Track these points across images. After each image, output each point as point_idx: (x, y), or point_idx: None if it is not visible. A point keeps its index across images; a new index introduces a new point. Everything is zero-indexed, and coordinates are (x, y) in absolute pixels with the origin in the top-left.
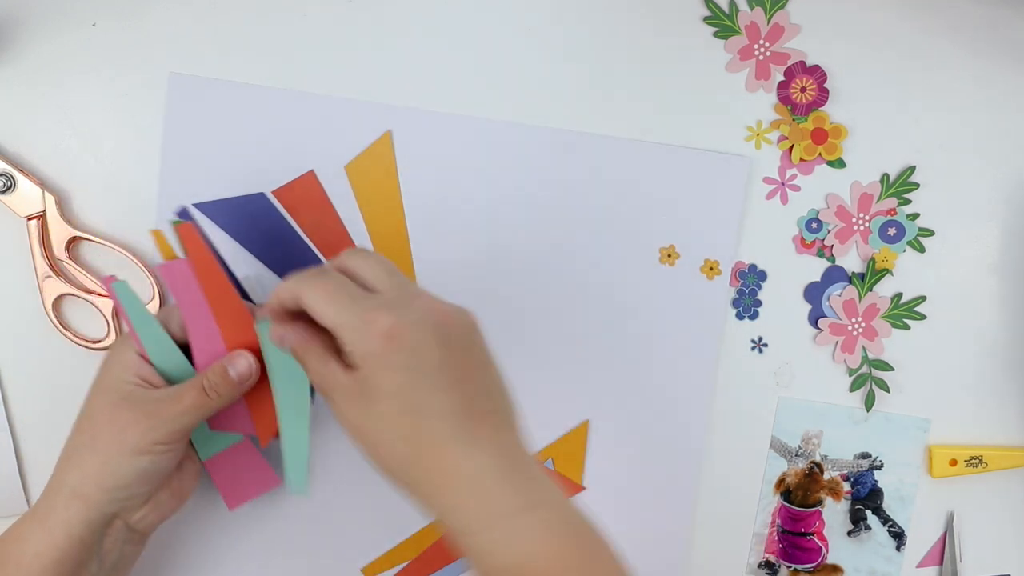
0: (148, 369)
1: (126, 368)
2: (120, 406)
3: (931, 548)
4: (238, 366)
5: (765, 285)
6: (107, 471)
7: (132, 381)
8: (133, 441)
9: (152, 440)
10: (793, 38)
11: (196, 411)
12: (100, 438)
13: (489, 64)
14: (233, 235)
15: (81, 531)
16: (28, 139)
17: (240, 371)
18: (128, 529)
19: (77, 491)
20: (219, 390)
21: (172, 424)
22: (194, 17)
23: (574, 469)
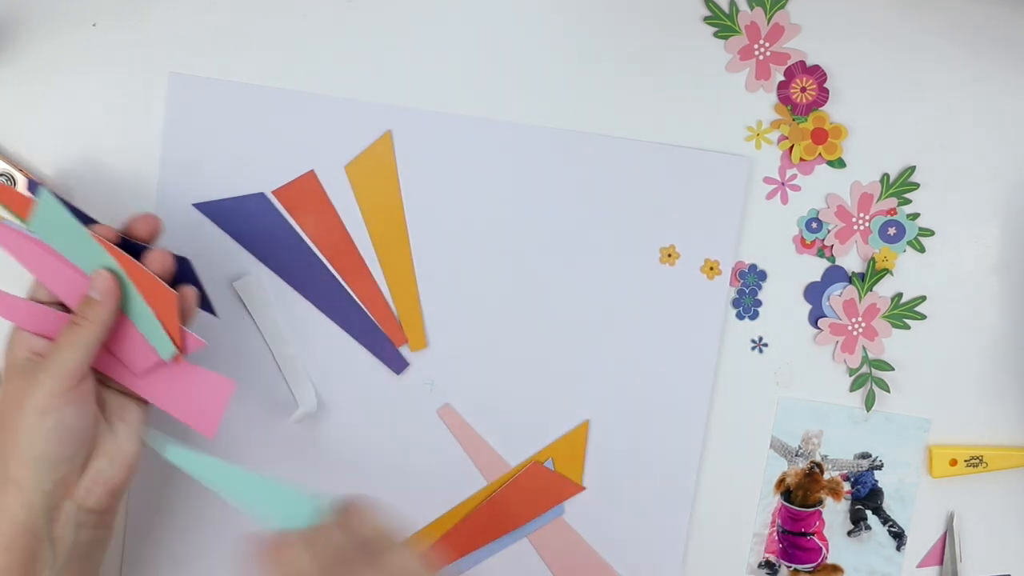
0: (37, 340)
1: (19, 347)
2: (14, 380)
3: (931, 548)
4: (96, 283)
5: (765, 285)
6: (19, 443)
7: (25, 356)
8: (29, 403)
9: (44, 394)
10: (793, 38)
11: (75, 344)
12: (6, 415)
13: (489, 64)
14: (233, 235)
15: (24, 515)
16: (28, 139)
17: (100, 287)
18: (78, 509)
19: (7, 474)
20: (86, 314)
21: (57, 368)
22: (194, 17)
23: (574, 469)
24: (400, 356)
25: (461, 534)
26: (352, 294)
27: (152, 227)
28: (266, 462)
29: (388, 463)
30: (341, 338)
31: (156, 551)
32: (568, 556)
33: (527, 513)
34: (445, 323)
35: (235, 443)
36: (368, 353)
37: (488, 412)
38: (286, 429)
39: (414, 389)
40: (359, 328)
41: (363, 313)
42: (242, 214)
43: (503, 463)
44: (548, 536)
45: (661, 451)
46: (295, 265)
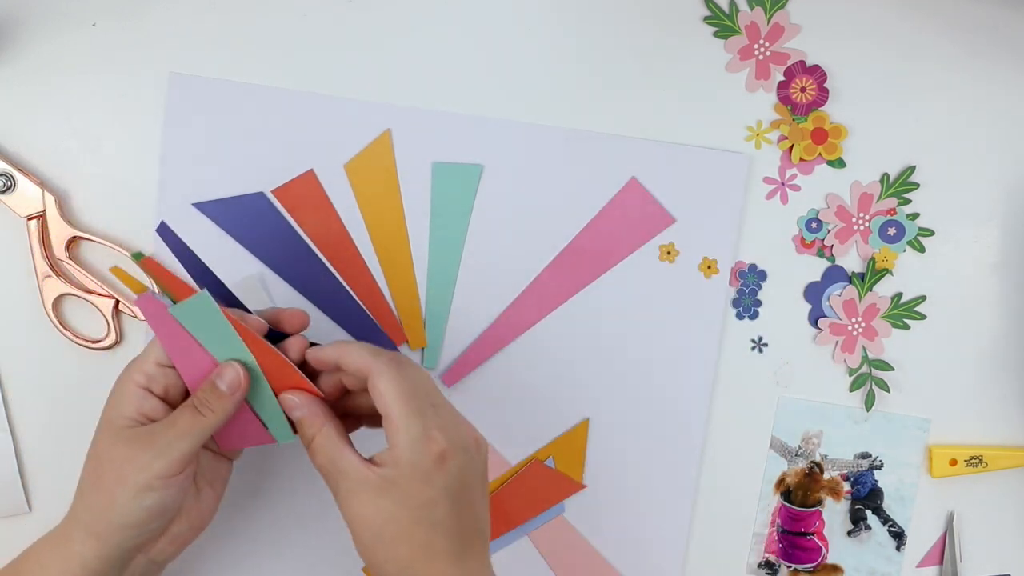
0: (151, 403)
1: (127, 403)
2: (119, 442)
3: (931, 548)
4: (225, 376)
5: (765, 285)
6: (114, 510)
7: (131, 416)
8: (134, 478)
9: (152, 475)
10: (793, 38)
11: (192, 434)
12: (104, 477)
13: (489, 63)
14: (233, 235)
15: (97, 565)
16: (28, 139)
17: (229, 380)
18: (148, 562)
19: (90, 528)
20: (211, 405)
21: (170, 453)
22: (194, 17)
23: (574, 467)
24: None
25: None
26: (352, 293)
27: (300, 323)
28: (267, 461)
29: None
30: (341, 337)
31: None
32: (569, 554)
33: (528, 511)
34: (445, 322)
35: None
36: None
37: (488, 410)
38: None
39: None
40: (359, 327)
41: (363, 312)
42: (242, 214)
43: (503, 461)
44: (549, 534)
45: (661, 450)
46: (295, 264)
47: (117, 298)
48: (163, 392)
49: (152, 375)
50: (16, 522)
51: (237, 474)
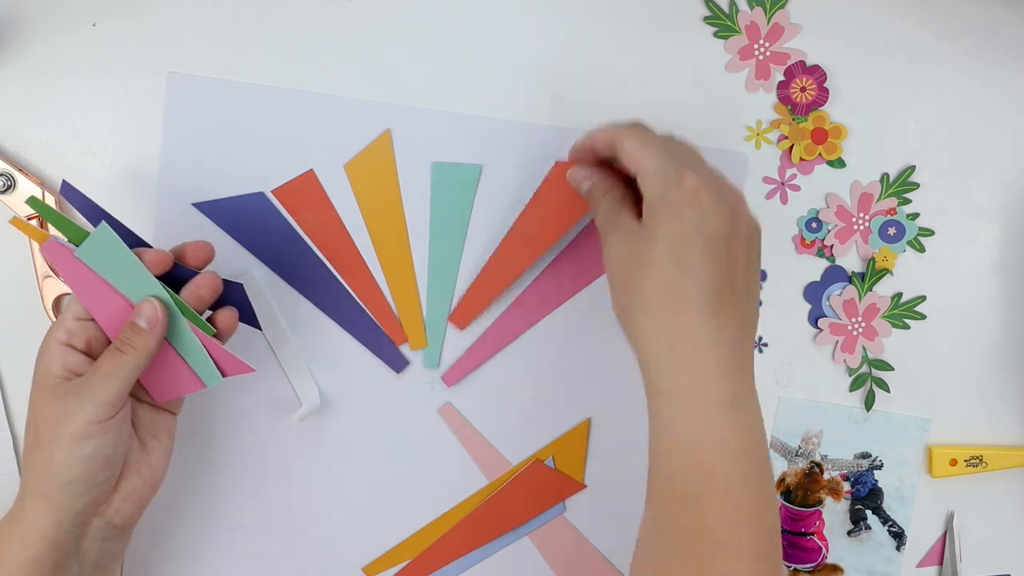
0: (74, 357)
1: (51, 360)
2: (47, 399)
3: (931, 548)
4: (143, 311)
5: (765, 285)
6: (55, 466)
7: (58, 373)
8: (67, 429)
9: (84, 421)
10: (793, 38)
11: (116, 374)
12: (40, 435)
13: (489, 63)
14: (233, 235)
15: (54, 532)
16: (28, 139)
17: (147, 315)
18: (106, 525)
19: (37, 490)
20: (131, 342)
21: (97, 396)
22: (194, 17)
23: (575, 467)
24: (400, 355)
25: (462, 532)
26: (352, 293)
27: (205, 254)
28: (268, 460)
29: (389, 462)
30: (341, 337)
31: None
32: (569, 554)
33: (528, 511)
34: (445, 322)
35: (238, 441)
36: (368, 352)
37: (489, 410)
38: (289, 427)
39: (414, 388)
40: (359, 327)
41: (363, 312)
42: (242, 214)
43: (504, 461)
44: (549, 534)
45: None
46: (295, 264)
47: None
48: (85, 346)
49: (72, 330)
50: None
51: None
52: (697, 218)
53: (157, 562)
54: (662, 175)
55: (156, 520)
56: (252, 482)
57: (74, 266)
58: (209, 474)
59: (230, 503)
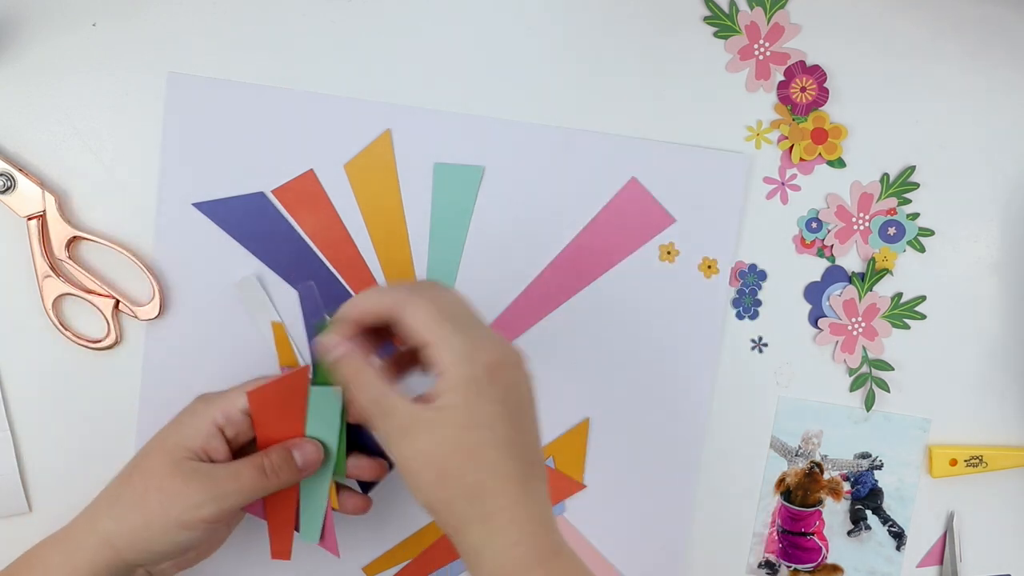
0: (218, 444)
1: (196, 435)
2: (175, 472)
3: (931, 548)
4: (306, 451)
5: (765, 285)
6: (146, 535)
7: (195, 451)
8: (179, 514)
9: (199, 517)
10: (793, 38)
11: (251, 492)
12: (148, 499)
13: (489, 62)
14: (233, 235)
15: (104, 572)
16: (28, 139)
17: (307, 457)
18: (146, 574)
19: (111, 541)
20: (279, 472)
21: (223, 503)
22: (194, 17)
23: (575, 467)
24: None
25: None
26: (352, 293)
27: None
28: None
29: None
30: None
31: None
32: None
33: None
34: None
35: None
36: None
37: None
38: None
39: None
40: None
41: None
42: (242, 214)
43: None
44: None
45: (661, 450)
46: (295, 264)
47: (117, 298)
48: (232, 437)
49: (232, 419)
50: (16, 522)
51: None
52: (500, 393)
53: None
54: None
55: None
56: None
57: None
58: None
59: None
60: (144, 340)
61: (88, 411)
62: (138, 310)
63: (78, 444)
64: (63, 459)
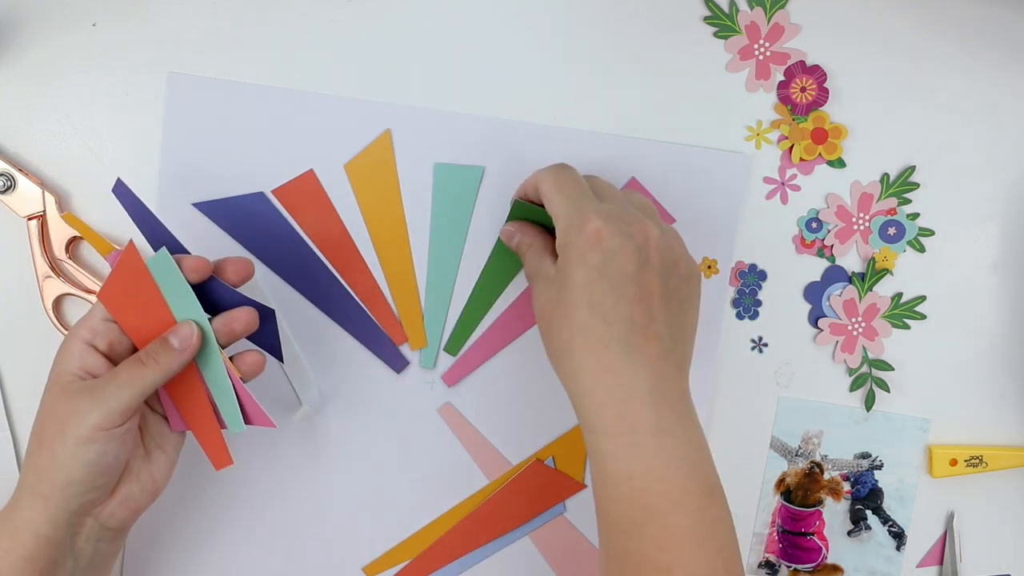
0: (94, 358)
1: (70, 358)
2: (60, 398)
3: (931, 548)
4: (179, 331)
5: (765, 285)
6: (56, 466)
7: (74, 372)
8: (73, 430)
9: (91, 425)
10: (793, 38)
11: (133, 384)
12: (45, 433)
13: (489, 63)
14: (233, 235)
15: (48, 530)
16: (28, 139)
17: (182, 336)
18: (100, 527)
19: (35, 489)
20: (157, 357)
21: (108, 403)
22: (194, 17)
23: (575, 467)
24: (400, 355)
25: (462, 532)
26: (352, 293)
27: (245, 272)
28: (268, 461)
29: (389, 462)
30: (341, 337)
31: (156, 550)
32: (569, 554)
33: (528, 511)
34: (445, 321)
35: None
36: (368, 352)
37: (489, 410)
38: (289, 427)
39: (414, 388)
40: (359, 327)
41: (363, 312)
42: (242, 214)
43: (504, 461)
44: (549, 534)
45: None
46: (295, 265)
47: None
48: (107, 348)
49: (97, 330)
50: None
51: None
52: (600, 260)
53: (157, 562)
54: (567, 218)
55: (157, 520)
56: (252, 482)
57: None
58: (209, 474)
59: (230, 503)
60: None
61: None
62: None
63: None
64: None
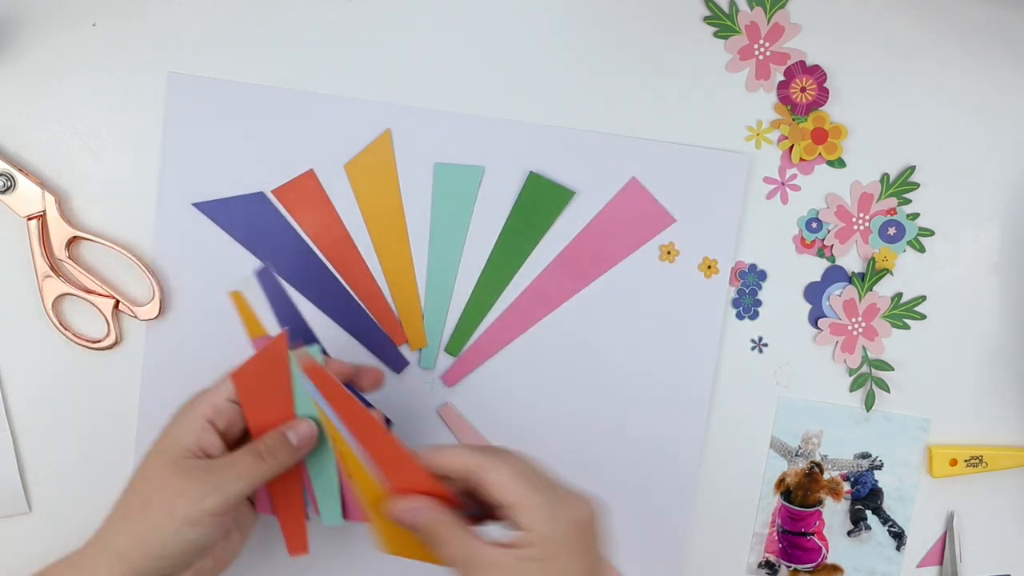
0: (211, 438)
1: (189, 433)
2: (173, 472)
3: (931, 548)
4: (299, 429)
5: (765, 285)
6: (155, 540)
7: (191, 448)
8: (184, 510)
9: (204, 510)
10: (793, 38)
11: (250, 477)
12: (152, 504)
13: (488, 62)
14: (233, 235)
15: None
16: (28, 139)
17: (301, 434)
18: None
19: (123, 555)
20: (276, 453)
21: (225, 492)
22: (194, 17)
23: None
24: (400, 355)
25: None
26: (352, 293)
27: (377, 382)
28: None
29: None
30: (341, 337)
31: None
32: None
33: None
34: (444, 322)
35: None
36: (368, 352)
37: (489, 410)
38: None
39: (414, 388)
40: (359, 327)
41: (363, 312)
42: (242, 214)
43: None
44: None
45: (661, 450)
46: (295, 265)
47: (117, 298)
48: (224, 428)
49: (220, 409)
50: (16, 522)
51: None
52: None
53: None
54: (544, 510)
55: None
56: None
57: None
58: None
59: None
60: (144, 340)
61: (88, 411)
62: (138, 310)
63: (78, 444)
64: (63, 459)
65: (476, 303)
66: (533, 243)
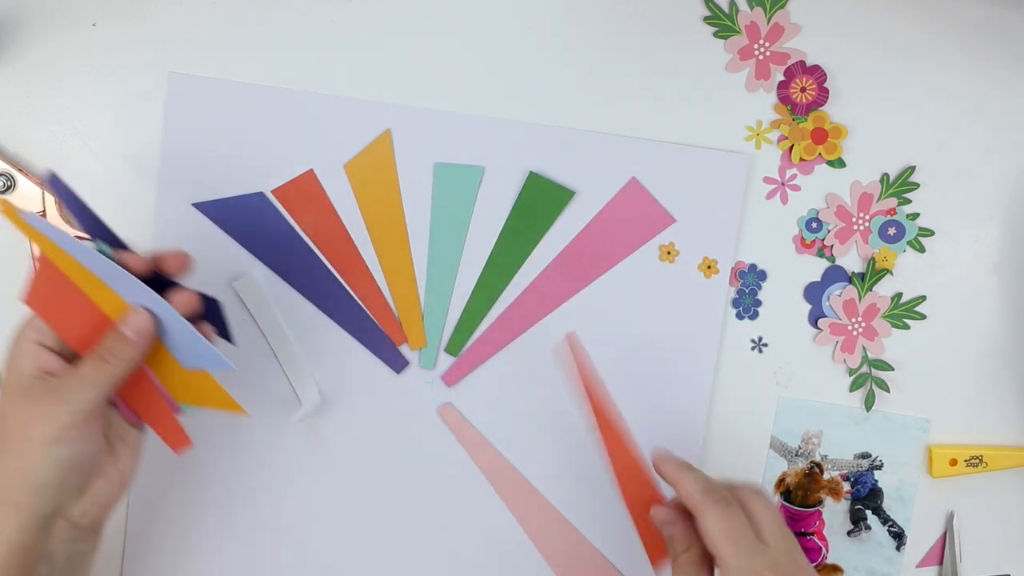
0: (47, 358)
1: (23, 360)
2: (22, 401)
3: (931, 548)
4: (133, 322)
5: (765, 285)
6: (26, 470)
7: (32, 374)
8: (42, 431)
9: (60, 426)
10: (793, 38)
11: (98, 382)
12: (10, 438)
13: (488, 62)
14: (233, 235)
15: (20, 537)
16: (28, 139)
17: (137, 325)
18: (72, 527)
19: (6, 498)
20: (116, 351)
21: (76, 403)
22: (194, 17)
23: None
24: (400, 355)
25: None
26: (352, 293)
27: (183, 265)
28: (268, 461)
29: (389, 462)
30: (341, 337)
31: (156, 551)
32: (569, 554)
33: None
34: (444, 322)
35: (238, 442)
36: (368, 352)
37: (489, 410)
38: (289, 427)
39: (414, 388)
40: (359, 327)
41: (363, 312)
42: (242, 214)
43: (503, 461)
44: (549, 534)
45: None
46: (295, 264)
47: None
48: (59, 346)
49: (43, 329)
50: None
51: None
52: None
53: (157, 562)
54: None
55: (157, 520)
56: (252, 482)
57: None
58: (209, 474)
59: (230, 503)
60: None
61: None
62: None
63: None
64: None
65: (476, 303)
66: (533, 243)
